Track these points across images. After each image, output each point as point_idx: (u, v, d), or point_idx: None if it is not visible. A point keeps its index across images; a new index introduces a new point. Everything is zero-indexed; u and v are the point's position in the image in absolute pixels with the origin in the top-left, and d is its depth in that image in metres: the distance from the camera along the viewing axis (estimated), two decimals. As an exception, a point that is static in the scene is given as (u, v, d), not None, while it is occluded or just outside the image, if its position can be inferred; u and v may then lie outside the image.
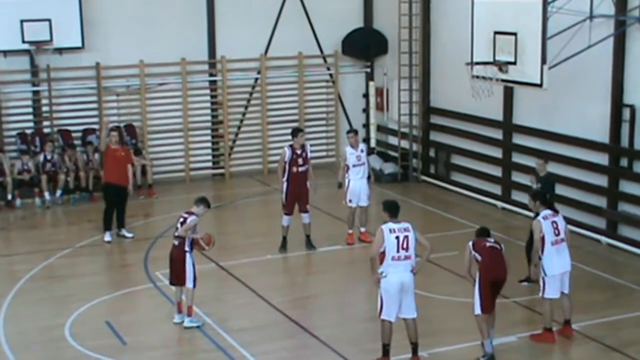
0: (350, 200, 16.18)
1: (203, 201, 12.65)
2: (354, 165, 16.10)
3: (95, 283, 14.59)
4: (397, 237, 10.70)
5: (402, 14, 20.85)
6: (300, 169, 15.65)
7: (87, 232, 17.28)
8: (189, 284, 12.40)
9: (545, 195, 12.62)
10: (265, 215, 18.91)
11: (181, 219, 12.43)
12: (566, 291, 11.98)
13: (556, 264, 11.83)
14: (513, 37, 14.93)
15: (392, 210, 10.92)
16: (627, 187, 16.02)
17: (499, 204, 18.75)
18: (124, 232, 16.85)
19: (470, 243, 11.58)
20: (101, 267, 15.56)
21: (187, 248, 12.39)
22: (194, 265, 12.48)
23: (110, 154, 16.62)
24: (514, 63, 15.03)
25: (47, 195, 19.22)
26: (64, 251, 16.05)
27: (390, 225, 10.79)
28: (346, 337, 12.20)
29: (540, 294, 11.96)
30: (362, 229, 16.42)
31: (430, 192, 20.28)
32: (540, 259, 11.84)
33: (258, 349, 11.77)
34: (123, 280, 14.63)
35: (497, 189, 19.05)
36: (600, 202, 16.45)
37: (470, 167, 19.90)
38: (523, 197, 18.18)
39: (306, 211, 15.79)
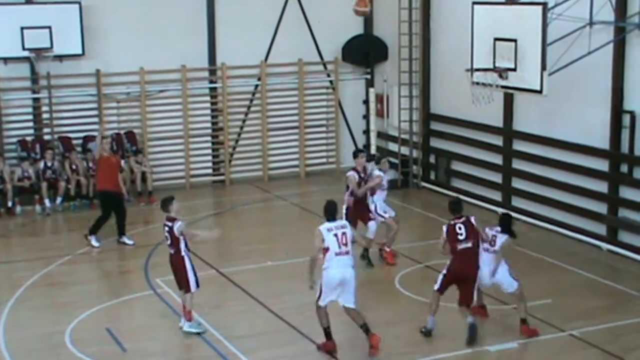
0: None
1: (169, 201, 12.55)
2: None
3: (96, 290, 14.58)
4: (336, 235, 11.54)
5: (402, 21, 20.88)
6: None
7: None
8: (192, 287, 12.42)
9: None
10: (265, 222, 18.92)
11: (167, 228, 12.40)
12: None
13: None
14: (513, 44, 14.95)
15: (327, 212, 11.72)
16: (627, 193, 16.02)
17: (499, 210, 18.72)
18: (125, 239, 16.85)
19: (445, 228, 12.22)
20: (101, 274, 15.55)
21: (183, 253, 12.39)
22: (193, 267, 12.50)
23: (105, 162, 16.76)
24: (514, 69, 15.05)
25: (47, 202, 19.23)
26: (64, 258, 16.05)
27: (327, 225, 11.60)
28: (346, 344, 12.18)
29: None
30: (387, 249, 15.71)
31: (431, 199, 20.27)
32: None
33: (258, 356, 11.77)
34: (123, 287, 14.63)
35: (497, 195, 19.05)
36: (601, 208, 16.45)
37: (471, 174, 19.90)
38: (523, 204, 18.23)
39: (371, 219, 15.25)
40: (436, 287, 12.33)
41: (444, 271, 12.33)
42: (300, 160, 22.69)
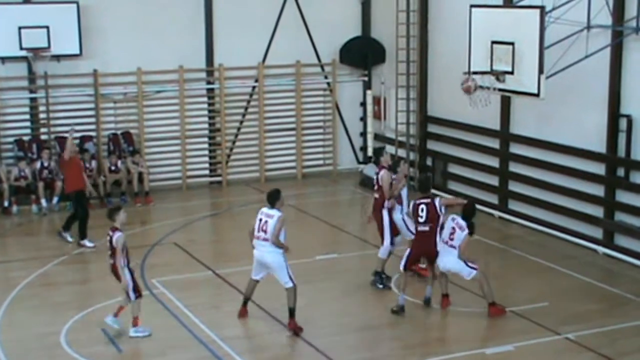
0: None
1: (115, 211, 12.50)
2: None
3: (92, 290, 14.56)
4: (260, 219, 12.53)
5: (400, 23, 20.89)
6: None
7: (83, 239, 17.26)
8: (132, 297, 12.40)
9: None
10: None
11: (108, 237, 12.39)
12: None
13: None
14: (510, 47, 14.94)
15: (269, 198, 12.73)
16: (623, 197, 16.03)
17: (496, 213, 18.76)
18: (86, 242, 16.78)
19: (412, 204, 13.17)
20: (97, 274, 15.50)
21: (122, 264, 12.31)
22: (133, 279, 12.44)
23: (76, 162, 17.08)
24: (511, 72, 15.04)
25: (43, 202, 19.21)
26: (60, 258, 16.03)
27: (264, 209, 12.64)
28: (342, 346, 12.20)
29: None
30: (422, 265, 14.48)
31: (427, 201, 20.25)
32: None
33: (254, 357, 11.76)
34: (119, 288, 14.57)
35: (494, 198, 19.06)
36: (597, 211, 16.47)
37: (467, 176, 19.91)
38: (520, 207, 18.24)
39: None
40: (401, 266, 13.16)
41: (407, 250, 13.19)
42: (297, 162, 22.69)
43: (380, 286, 14.27)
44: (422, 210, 12.79)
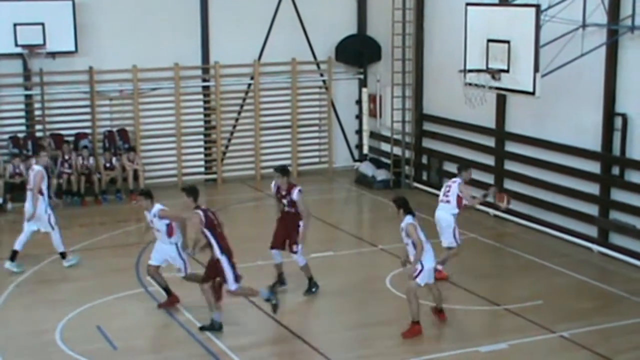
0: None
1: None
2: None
3: (86, 288, 14.54)
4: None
5: (396, 21, 20.89)
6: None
7: (78, 237, 17.23)
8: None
9: (407, 202, 12.41)
10: (257, 221, 18.89)
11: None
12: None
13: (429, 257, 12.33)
14: (506, 45, 14.97)
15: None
16: (618, 195, 16.06)
17: (491, 211, 18.76)
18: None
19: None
20: (92, 271, 15.50)
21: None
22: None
23: None
24: (507, 71, 15.07)
25: (39, 199, 19.17)
26: (55, 255, 15.98)
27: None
28: (338, 343, 12.20)
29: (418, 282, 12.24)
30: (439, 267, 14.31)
31: (423, 199, 20.26)
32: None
33: (248, 355, 11.76)
34: (114, 285, 14.58)
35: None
36: (592, 210, 16.49)
37: (463, 175, 19.90)
38: (515, 205, 18.24)
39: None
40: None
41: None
42: (293, 160, 22.69)
43: None
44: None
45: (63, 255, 15.56)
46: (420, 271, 12.17)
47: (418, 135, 21.32)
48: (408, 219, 12.19)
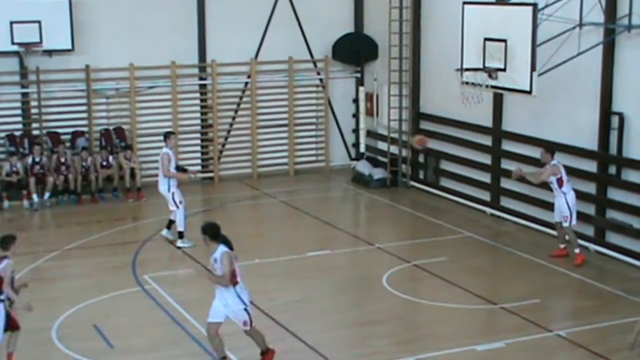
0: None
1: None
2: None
3: (83, 286, 14.53)
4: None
5: (393, 20, 20.89)
6: None
7: (75, 235, 17.23)
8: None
9: (217, 229, 11.01)
10: (254, 219, 18.90)
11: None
12: None
13: None
14: (503, 44, 14.97)
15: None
16: (615, 194, 16.06)
17: (488, 210, 18.78)
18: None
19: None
20: (89, 269, 15.50)
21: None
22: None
23: None
24: (504, 70, 15.07)
25: (35, 197, 19.17)
26: (52, 253, 15.99)
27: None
28: (334, 342, 12.20)
29: None
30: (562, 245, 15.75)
31: (419, 198, 20.30)
32: None
33: (246, 354, 11.74)
34: (111, 283, 14.58)
35: (486, 195, 19.08)
36: (589, 209, 16.49)
37: (460, 173, 19.92)
38: (512, 204, 18.27)
39: None
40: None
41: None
42: (290, 158, 22.68)
43: None
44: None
45: (181, 235, 16.31)
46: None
47: (415, 134, 21.29)
48: (222, 248, 10.89)
